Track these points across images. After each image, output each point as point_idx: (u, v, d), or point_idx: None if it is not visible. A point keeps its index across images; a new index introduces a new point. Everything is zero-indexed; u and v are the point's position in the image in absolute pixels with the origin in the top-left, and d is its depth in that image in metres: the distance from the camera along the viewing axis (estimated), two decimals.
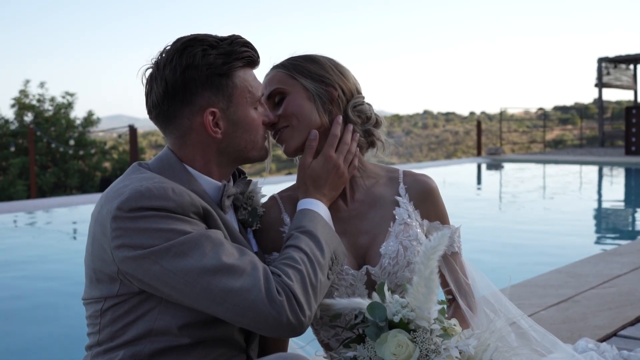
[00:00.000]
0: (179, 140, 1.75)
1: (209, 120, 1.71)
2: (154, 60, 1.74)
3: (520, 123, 38.84)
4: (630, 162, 18.46)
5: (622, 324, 3.43)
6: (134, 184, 1.62)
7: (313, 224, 1.75)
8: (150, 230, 1.56)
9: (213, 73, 1.69)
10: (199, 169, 1.76)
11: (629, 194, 13.83)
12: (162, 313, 1.63)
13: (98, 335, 1.68)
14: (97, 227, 1.64)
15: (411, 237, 1.88)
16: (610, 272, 4.64)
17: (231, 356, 1.74)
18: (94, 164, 26.45)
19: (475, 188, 15.32)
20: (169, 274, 1.55)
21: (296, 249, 1.69)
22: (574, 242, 8.04)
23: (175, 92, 1.69)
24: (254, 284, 1.55)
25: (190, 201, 1.62)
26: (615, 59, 24.24)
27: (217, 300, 1.55)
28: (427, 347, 1.56)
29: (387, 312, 1.61)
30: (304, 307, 1.59)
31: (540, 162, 20.58)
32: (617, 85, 25.05)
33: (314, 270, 1.66)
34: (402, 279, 1.85)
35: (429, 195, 1.96)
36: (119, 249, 1.57)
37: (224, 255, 1.57)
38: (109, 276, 1.63)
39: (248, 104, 1.76)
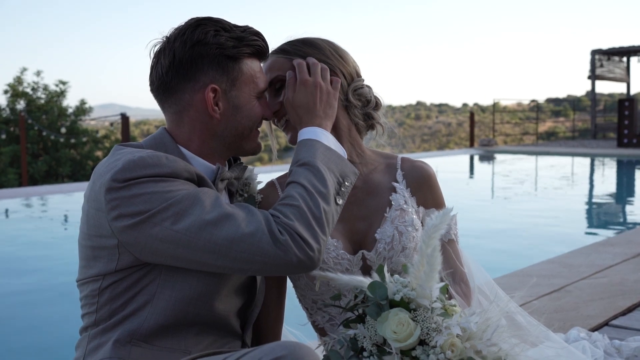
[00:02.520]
0: (176, 117, 1.75)
1: (210, 98, 1.70)
2: (166, 35, 1.74)
3: (513, 115, 38.89)
4: (622, 154, 18.53)
5: (613, 314, 3.45)
6: (126, 156, 1.61)
7: (310, 153, 1.71)
8: (146, 195, 1.55)
9: (222, 54, 1.69)
10: (194, 151, 1.75)
11: (621, 185, 13.89)
12: (161, 287, 1.62)
13: (95, 315, 1.67)
14: (90, 204, 1.63)
15: (407, 222, 1.88)
16: (602, 263, 4.66)
17: (226, 342, 1.74)
18: (85, 152, 26.34)
19: (468, 179, 15.36)
20: (171, 232, 1.54)
21: (294, 184, 1.66)
22: (565, 233, 8.07)
23: (181, 65, 1.69)
24: (257, 228, 1.55)
25: (184, 167, 1.62)
26: (608, 51, 24.29)
27: (223, 251, 1.54)
28: (428, 326, 1.56)
29: (388, 291, 1.60)
30: (310, 242, 1.57)
31: (532, 153, 20.62)
32: (610, 78, 25.11)
33: (315, 203, 1.62)
34: (397, 264, 1.86)
35: (426, 182, 1.97)
36: (117, 220, 1.56)
37: (222, 205, 1.57)
38: (108, 251, 1.62)
39: (251, 91, 1.76)
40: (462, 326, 1.56)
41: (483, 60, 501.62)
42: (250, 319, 1.84)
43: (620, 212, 10.40)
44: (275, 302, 1.97)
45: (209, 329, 1.69)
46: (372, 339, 1.60)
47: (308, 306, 1.94)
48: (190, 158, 1.74)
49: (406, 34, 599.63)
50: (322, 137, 1.76)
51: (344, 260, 1.86)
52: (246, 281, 1.79)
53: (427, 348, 1.56)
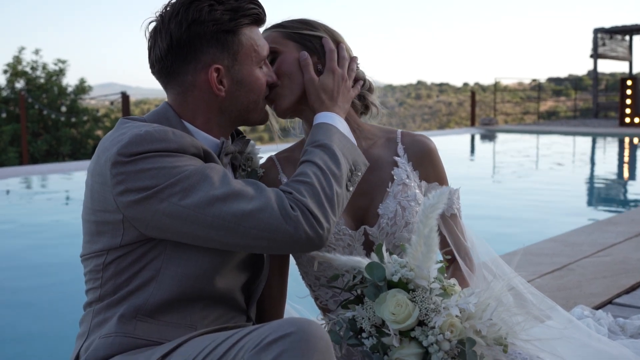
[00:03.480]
0: (180, 97, 1.72)
1: (214, 77, 1.67)
2: (159, 13, 1.70)
3: (514, 94, 38.77)
4: (624, 133, 18.48)
5: (617, 292, 3.44)
6: (132, 130, 1.58)
7: (327, 136, 1.70)
8: (153, 170, 1.53)
9: (219, 29, 1.65)
10: (198, 126, 1.72)
11: (623, 165, 13.86)
12: (166, 262, 1.61)
13: (100, 290, 1.65)
14: (95, 178, 1.60)
15: (409, 197, 1.86)
16: (605, 241, 4.65)
17: (232, 316, 1.72)
18: (86, 131, 26.30)
19: (469, 158, 15.33)
20: (179, 208, 1.52)
21: (309, 163, 1.64)
22: (567, 212, 8.05)
23: (180, 47, 1.66)
24: (266, 204, 1.52)
25: (191, 142, 1.60)
26: (611, 29, 24.17)
27: (231, 227, 1.52)
28: (426, 307, 1.54)
29: (385, 272, 1.59)
30: (320, 219, 1.55)
31: (533, 132, 20.58)
32: (613, 56, 25.00)
33: (328, 183, 1.61)
34: (401, 239, 1.84)
35: (428, 156, 1.94)
36: (122, 195, 1.54)
37: (231, 182, 1.55)
38: (112, 226, 1.60)
39: (253, 62, 1.72)
40: (461, 307, 1.55)
41: (484, 39, 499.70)
42: (255, 294, 1.82)
43: (622, 191, 10.39)
44: (278, 278, 1.95)
45: (214, 304, 1.68)
46: (371, 320, 1.58)
47: (311, 283, 1.93)
48: (194, 132, 1.71)
49: (407, 13, 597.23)
50: (339, 124, 1.76)
51: (346, 235, 1.85)
52: (251, 256, 1.77)
53: (426, 329, 1.54)
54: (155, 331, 1.61)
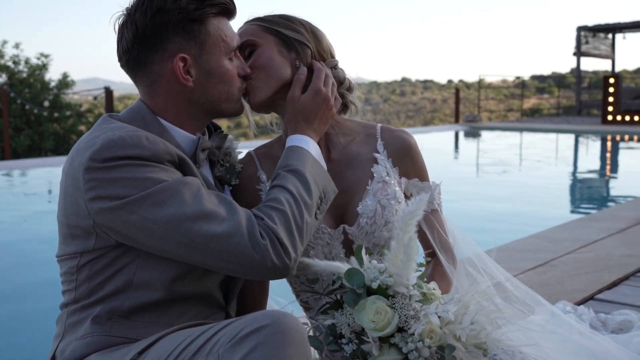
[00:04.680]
0: (150, 89, 1.70)
1: (179, 67, 1.66)
2: (126, 6, 1.69)
3: (498, 91, 38.93)
4: (607, 130, 18.61)
5: (599, 288, 3.46)
6: (106, 133, 1.57)
7: (301, 162, 1.69)
8: (125, 180, 1.51)
9: (185, 18, 1.64)
10: (171, 120, 1.71)
11: (605, 162, 13.95)
12: (141, 267, 1.59)
13: (74, 292, 1.64)
14: (68, 181, 1.59)
15: (389, 195, 1.85)
16: (588, 238, 4.67)
17: (210, 313, 1.71)
18: (69, 126, 26.08)
19: (453, 155, 15.37)
20: (148, 223, 1.51)
21: (282, 189, 1.64)
22: (550, 208, 8.10)
23: (146, 37, 1.64)
24: (236, 229, 1.51)
25: (165, 149, 1.58)
26: (594, 27, 24.30)
27: (199, 247, 1.51)
28: (406, 313, 1.54)
29: (365, 278, 1.58)
30: (288, 249, 1.55)
31: (517, 129, 20.66)
32: (596, 54, 25.14)
33: (299, 211, 1.61)
34: (380, 238, 1.83)
35: (408, 152, 1.93)
36: (93, 201, 1.52)
37: (204, 200, 1.53)
38: (84, 230, 1.59)
39: (222, 53, 1.71)
40: (440, 316, 1.54)
41: (468, 36, 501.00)
42: (233, 291, 1.81)
43: (604, 188, 10.45)
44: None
45: (191, 303, 1.67)
46: (351, 326, 1.58)
47: (292, 280, 1.92)
48: (170, 129, 1.70)
49: (392, 10, 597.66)
50: (312, 148, 1.76)
51: (325, 234, 1.84)
52: None
53: (406, 335, 1.54)
54: (132, 330, 1.60)
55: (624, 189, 10.01)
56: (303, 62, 1.84)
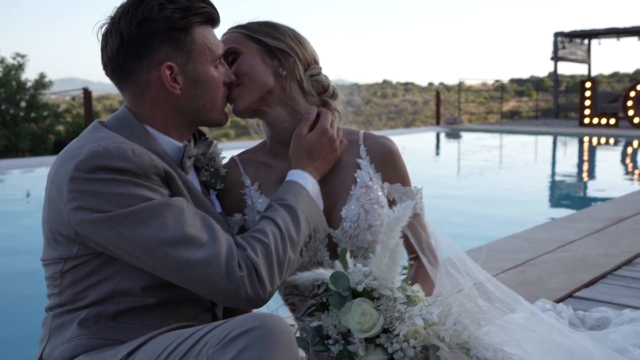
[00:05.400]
0: (136, 97, 1.70)
1: (167, 75, 1.66)
2: (110, 15, 1.69)
3: (478, 94, 39.16)
4: (584, 132, 18.81)
5: (577, 286, 3.51)
6: (91, 144, 1.57)
7: (295, 198, 1.72)
8: (108, 195, 1.51)
9: (170, 27, 1.65)
10: (158, 127, 1.71)
11: (583, 164, 14.11)
12: (125, 274, 1.59)
13: (59, 297, 1.64)
14: (52, 188, 1.59)
15: (372, 200, 1.87)
16: (565, 238, 4.73)
17: (197, 314, 1.72)
18: (46, 126, 25.88)
19: (434, 157, 15.46)
20: (126, 241, 1.51)
21: (271, 222, 1.65)
22: (529, 209, 8.17)
23: (131, 46, 1.64)
24: (213, 258, 1.52)
25: (151, 162, 1.58)
26: (570, 33, 24.55)
27: (175, 271, 1.52)
28: (390, 315, 1.56)
29: (350, 281, 1.60)
30: (265, 283, 1.56)
31: (497, 132, 20.82)
32: (572, 59, 25.42)
33: (283, 247, 1.62)
34: (363, 241, 1.85)
35: (390, 158, 1.95)
36: (75, 212, 1.53)
37: (185, 225, 1.53)
38: (66, 238, 1.59)
39: (208, 61, 1.72)
40: (424, 317, 1.57)
41: (448, 39, 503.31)
42: None
43: (582, 189, 10.57)
44: None
45: (177, 304, 1.67)
46: (337, 327, 1.60)
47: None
48: (157, 137, 1.71)
49: (373, 12, 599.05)
50: (310, 186, 1.79)
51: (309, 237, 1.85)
52: None
53: (391, 336, 1.56)
54: (119, 331, 1.60)
55: (600, 189, 10.13)
56: (286, 70, 1.85)
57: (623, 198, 6.72)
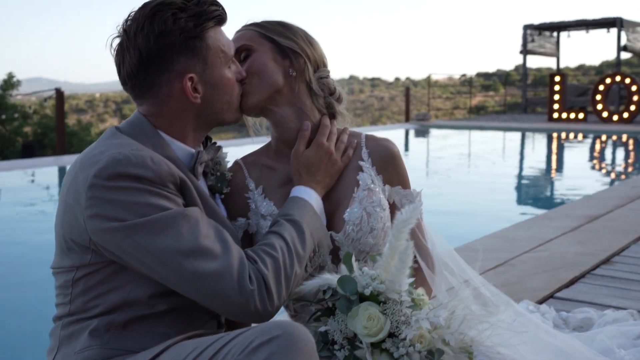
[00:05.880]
0: (156, 108, 1.72)
1: (189, 87, 1.68)
2: (121, 28, 1.69)
3: (444, 89, 39.44)
4: (553, 128, 19.03)
5: (557, 286, 3.57)
6: (110, 150, 1.58)
7: (301, 213, 1.74)
8: (127, 203, 1.53)
9: (187, 37, 1.66)
10: (174, 134, 1.73)
11: (552, 160, 14.28)
12: (136, 283, 1.61)
13: (69, 306, 1.65)
14: (70, 194, 1.60)
15: (375, 203, 1.89)
16: (543, 236, 4.79)
17: (204, 322, 1.74)
18: (14, 128, 25.51)
19: (404, 154, 15.54)
20: (141, 250, 1.53)
21: (278, 236, 1.67)
22: (502, 207, 8.26)
23: (151, 61, 1.66)
24: (226, 270, 1.54)
25: (168, 170, 1.60)
26: (539, 26, 24.79)
27: (187, 282, 1.54)
28: (397, 319, 1.58)
29: (357, 285, 1.62)
30: (273, 297, 1.58)
31: (467, 128, 20.98)
32: (541, 52, 25.68)
33: (291, 262, 1.64)
34: (365, 244, 1.87)
35: (392, 160, 1.97)
36: (92, 219, 1.54)
37: (200, 236, 1.55)
38: (80, 245, 1.60)
39: (222, 63, 1.73)
40: (431, 321, 1.59)
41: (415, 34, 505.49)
42: None
43: (554, 186, 10.71)
44: None
45: (185, 312, 1.69)
46: (343, 332, 1.62)
47: None
48: (170, 143, 1.72)
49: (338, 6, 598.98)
50: (314, 201, 1.82)
51: None
52: None
53: (397, 340, 1.59)
54: (130, 341, 1.61)
55: (571, 185, 10.27)
56: (296, 71, 1.87)
57: (596, 195, 6.83)
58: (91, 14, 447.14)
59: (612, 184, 9.71)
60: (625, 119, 18.35)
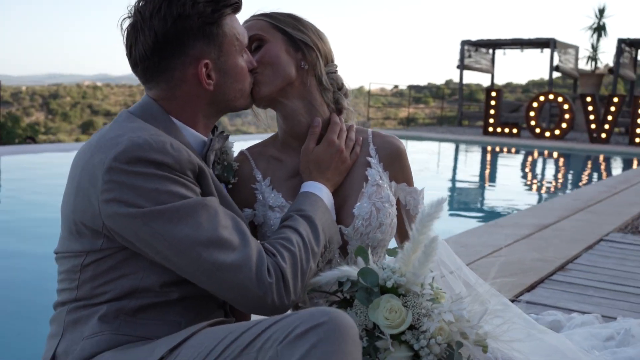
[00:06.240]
0: (167, 93, 1.67)
1: (203, 72, 1.65)
2: (134, 8, 1.64)
3: (376, 99, 39.91)
4: (489, 141, 19.48)
5: (519, 291, 3.65)
6: (129, 134, 1.53)
7: (313, 209, 1.73)
8: (146, 189, 1.48)
9: (204, 22, 1.62)
10: (185, 120, 1.69)
11: (486, 171, 14.59)
12: (148, 270, 1.57)
13: (76, 291, 1.59)
14: (84, 176, 1.54)
15: (383, 198, 1.90)
16: (496, 243, 4.88)
17: (212, 311, 1.71)
18: None
19: None
20: (159, 238, 1.48)
21: (294, 230, 1.66)
22: (449, 215, 8.39)
23: (167, 43, 1.61)
24: (246, 261, 1.51)
25: (188, 157, 1.56)
26: (476, 42, 25.37)
27: (205, 272, 1.50)
28: (417, 312, 1.59)
29: (378, 277, 1.62)
30: (290, 291, 1.56)
31: (404, 138, 21.24)
32: (477, 68, 26.28)
33: (307, 257, 1.63)
34: (374, 239, 1.88)
35: (398, 157, 1.99)
36: (108, 203, 1.49)
37: (219, 226, 1.52)
38: (92, 230, 1.54)
39: (237, 52, 1.71)
40: (455, 314, 1.61)
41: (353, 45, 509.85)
42: None
43: (484, 195, 10.93)
44: None
45: (194, 300, 1.65)
46: (362, 323, 1.61)
47: None
48: (182, 129, 1.68)
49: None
50: (325, 196, 1.81)
51: None
52: None
53: (417, 332, 1.59)
54: (140, 328, 1.58)
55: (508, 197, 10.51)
56: (308, 64, 1.86)
57: (541, 206, 7.04)
58: (17, 5, 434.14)
59: (552, 197, 9.96)
60: (557, 135, 18.94)
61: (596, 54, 26.21)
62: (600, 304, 3.52)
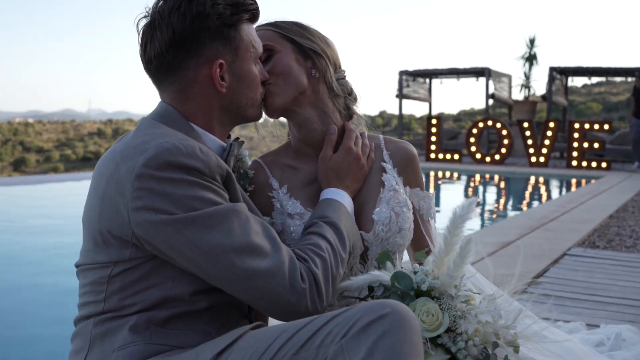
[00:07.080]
0: (179, 94, 1.64)
1: (217, 73, 1.62)
2: (151, 9, 1.62)
3: None
4: (432, 167, 19.79)
5: None
6: (156, 140, 1.49)
7: (337, 216, 1.71)
8: (177, 196, 1.44)
9: (223, 23, 1.61)
10: (202, 126, 1.66)
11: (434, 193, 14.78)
12: (178, 280, 1.52)
13: (103, 304, 1.53)
14: (110, 185, 1.49)
15: (401, 203, 1.90)
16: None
17: (237, 321, 1.66)
18: None
19: None
20: (191, 245, 1.44)
21: (322, 237, 1.63)
22: None
23: (183, 41, 1.59)
24: (279, 268, 1.48)
25: (217, 162, 1.53)
26: (414, 72, 25.84)
27: (238, 280, 1.46)
28: (453, 314, 1.58)
29: (412, 280, 1.60)
30: (323, 296, 1.54)
31: None
32: (415, 97, 26.72)
33: (336, 262, 1.61)
34: (394, 245, 1.87)
35: (411, 162, 2.00)
36: (138, 211, 1.44)
37: (251, 233, 1.49)
38: (120, 239, 1.49)
39: (251, 59, 1.69)
40: (493, 314, 1.60)
41: None
42: None
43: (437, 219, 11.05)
44: None
45: (220, 309, 1.62)
46: None
47: None
48: (202, 135, 1.65)
49: None
50: (347, 203, 1.80)
51: None
52: None
53: (453, 335, 1.57)
54: (171, 337, 1.53)
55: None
56: (318, 72, 1.85)
57: (500, 224, 7.13)
58: None
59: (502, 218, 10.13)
60: (497, 160, 19.35)
61: (529, 82, 26.97)
62: (581, 313, 3.57)
